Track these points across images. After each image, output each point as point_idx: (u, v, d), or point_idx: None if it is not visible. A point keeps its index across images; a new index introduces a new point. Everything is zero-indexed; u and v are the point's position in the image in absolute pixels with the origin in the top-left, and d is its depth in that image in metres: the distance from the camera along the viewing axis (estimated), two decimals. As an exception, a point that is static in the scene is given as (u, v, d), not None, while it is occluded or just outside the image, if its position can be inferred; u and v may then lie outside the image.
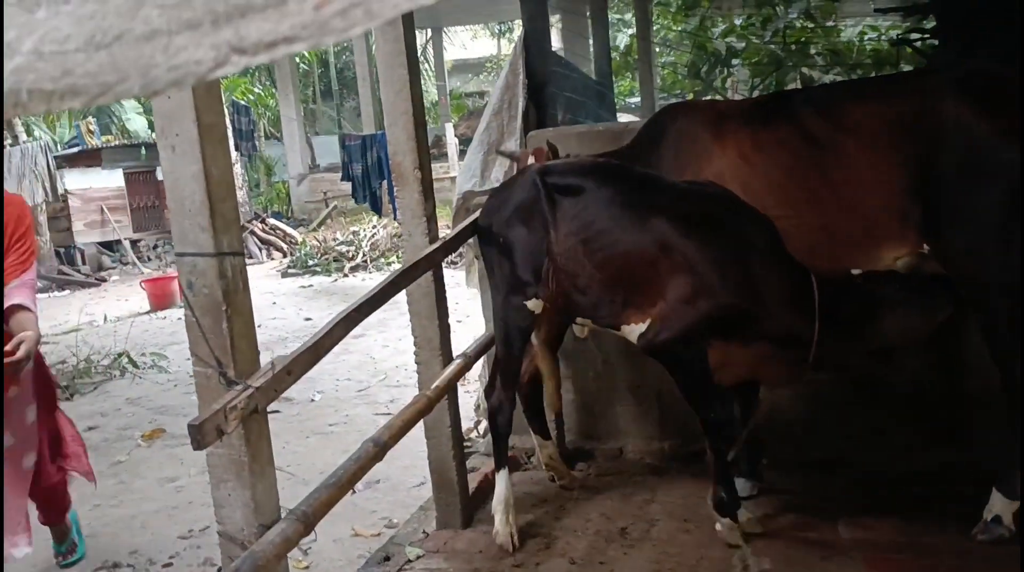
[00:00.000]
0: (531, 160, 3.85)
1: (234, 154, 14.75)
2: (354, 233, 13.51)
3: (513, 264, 3.44)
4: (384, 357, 7.68)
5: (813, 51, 7.88)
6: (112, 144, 16.61)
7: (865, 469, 3.76)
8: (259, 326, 8.45)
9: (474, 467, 4.13)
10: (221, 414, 2.15)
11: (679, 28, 8.84)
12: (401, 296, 3.39)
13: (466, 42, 30.03)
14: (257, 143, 16.41)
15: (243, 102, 16.89)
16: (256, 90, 20.50)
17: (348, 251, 12.85)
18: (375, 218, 13.47)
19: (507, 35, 27.19)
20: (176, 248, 2.31)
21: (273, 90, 21.10)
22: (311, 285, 12.09)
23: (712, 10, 8.78)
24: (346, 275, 12.25)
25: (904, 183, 3.12)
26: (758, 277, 3.09)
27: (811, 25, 8.09)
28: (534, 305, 3.41)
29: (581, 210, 3.30)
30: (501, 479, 3.51)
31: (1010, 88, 3.09)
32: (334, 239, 13.62)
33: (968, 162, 3.03)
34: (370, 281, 11.52)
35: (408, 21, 3.45)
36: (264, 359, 2.47)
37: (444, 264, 3.64)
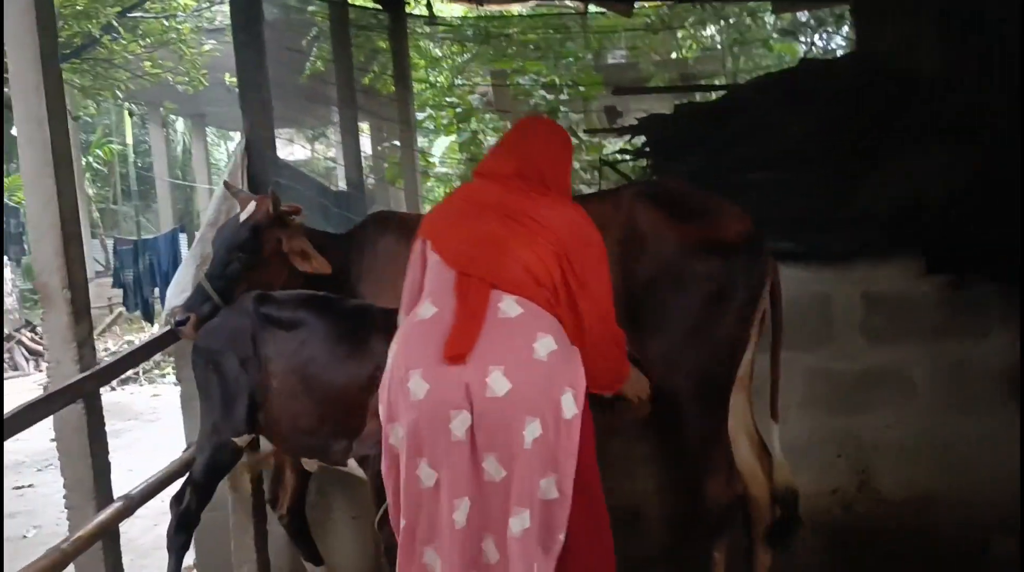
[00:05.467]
0: (251, 205, 3.59)
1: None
2: (128, 342, 12.65)
3: (222, 394, 3.22)
4: (125, 483, 7.00)
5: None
6: None
7: None
8: (-4, 449, 7.36)
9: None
10: None
11: (451, 139, 8.96)
12: (143, 407, 3.10)
13: (280, 146, 29.67)
14: (27, 246, 15.27)
15: (13, 202, 15.78)
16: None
17: (120, 363, 11.95)
18: (154, 327, 12.69)
19: (321, 139, 27.11)
20: None
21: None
22: (73, 401, 11.11)
23: (482, 124, 8.94)
24: (113, 389, 11.36)
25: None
26: None
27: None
28: (242, 441, 3.25)
29: (299, 345, 3.14)
30: None
31: (696, 201, 3.14)
32: (105, 350, 12.70)
33: (660, 271, 3.05)
34: (139, 394, 10.75)
35: (59, 125, 3.13)
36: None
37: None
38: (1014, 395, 3.65)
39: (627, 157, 4.79)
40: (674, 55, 13.41)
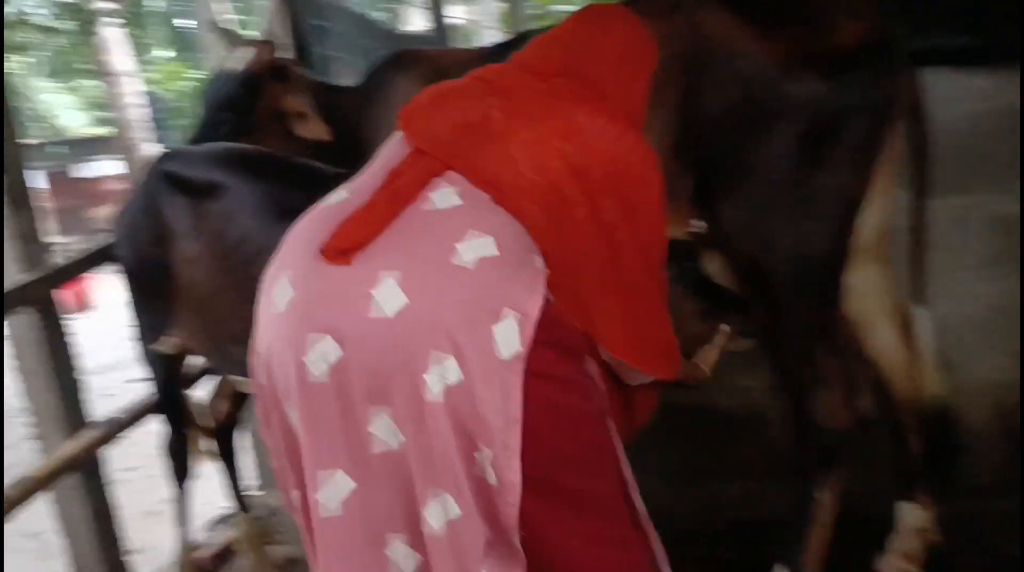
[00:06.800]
0: (246, 53, 2.85)
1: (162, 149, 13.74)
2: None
3: (134, 293, 2.51)
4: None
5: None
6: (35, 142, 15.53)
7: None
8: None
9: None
10: None
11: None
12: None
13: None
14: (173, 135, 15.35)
15: (160, 92, 16.01)
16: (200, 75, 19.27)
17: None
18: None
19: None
20: None
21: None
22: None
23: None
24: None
25: (667, 138, 2.16)
26: None
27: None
28: (164, 346, 2.51)
29: (224, 222, 2.25)
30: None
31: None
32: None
33: (736, 104, 2.09)
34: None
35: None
36: None
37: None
38: None
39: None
40: None
